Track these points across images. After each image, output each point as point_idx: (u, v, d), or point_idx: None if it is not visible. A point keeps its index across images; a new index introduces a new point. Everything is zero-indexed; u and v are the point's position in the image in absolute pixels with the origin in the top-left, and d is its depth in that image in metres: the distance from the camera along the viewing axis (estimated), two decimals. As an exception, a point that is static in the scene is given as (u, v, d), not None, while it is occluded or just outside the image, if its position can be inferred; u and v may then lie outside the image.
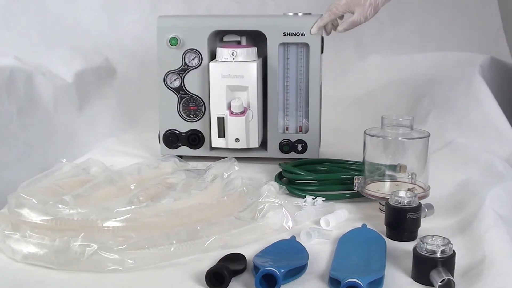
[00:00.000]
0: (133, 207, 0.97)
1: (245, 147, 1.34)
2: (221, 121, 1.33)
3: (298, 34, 1.32)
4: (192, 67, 1.36)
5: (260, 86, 1.35)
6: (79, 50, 1.71)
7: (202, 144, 1.39)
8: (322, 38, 1.36)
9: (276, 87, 1.37)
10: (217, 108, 1.33)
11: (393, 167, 1.11)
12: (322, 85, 1.42)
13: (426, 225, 1.00)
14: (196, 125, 1.39)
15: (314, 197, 1.12)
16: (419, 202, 0.98)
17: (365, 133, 1.12)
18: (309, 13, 1.38)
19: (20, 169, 1.27)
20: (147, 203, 1.00)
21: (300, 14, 1.37)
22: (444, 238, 0.83)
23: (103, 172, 1.18)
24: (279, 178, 1.24)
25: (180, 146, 1.40)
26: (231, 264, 0.84)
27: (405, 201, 0.97)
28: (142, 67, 1.81)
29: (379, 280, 0.81)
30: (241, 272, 0.86)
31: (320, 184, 1.21)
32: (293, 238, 0.96)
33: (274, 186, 1.15)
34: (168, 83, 1.37)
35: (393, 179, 1.12)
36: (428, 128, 1.20)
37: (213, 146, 1.37)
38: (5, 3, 1.64)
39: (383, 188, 1.10)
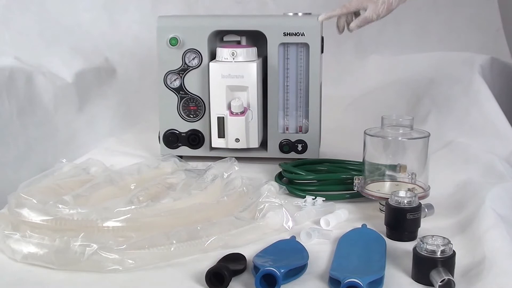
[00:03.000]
0: (133, 207, 0.97)
1: (245, 147, 1.34)
2: (221, 121, 1.33)
3: (298, 34, 1.32)
4: (192, 67, 1.36)
5: (260, 86, 1.35)
6: (79, 50, 1.71)
7: (202, 144, 1.39)
8: (322, 38, 1.36)
9: (276, 87, 1.37)
10: (217, 108, 1.33)
11: (393, 167, 1.11)
12: (322, 85, 1.42)
13: (426, 225, 1.00)
14: (196, 125, 1.39)
15: (314, 197, 1.12)
16: (419, 202, 0.98)
17: (365, 133, 1.12)
18: (309, 13, 1.38)
19: (20, 169, 1.27)
20: (147, 203, 1.00)
21: (300, 14, 1.37)
22: (444, 238, 0.83)
23: (103, 172, 1.19)
24: (279, 178, 1.24)
25: (180, 146, 1.40)
26: (231, 264, 0.84)
27: (405, 201, 0.97)
28: (142, 67, 1.81)
29: (379, 280, 0.81)
30: (241, 272, 0.86)
31: (320, 184, 1.21)
32: (293, 238, 0.96)
33: (274, 186, 1.15)
34: (168, 83, 1.37)
35: (393, 179, 1.12)
36: (428, 128, 1.20)
37: (213, 146, 1.37)
38: (5, 3, 1.64)
39: (383, 188, 1.10)
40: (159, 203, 1.00)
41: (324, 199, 1.12)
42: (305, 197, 1.13)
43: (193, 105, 1.38)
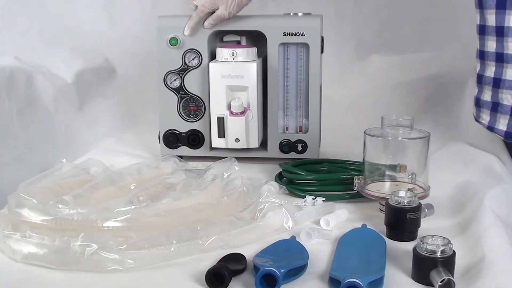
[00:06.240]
0: (133, 207, 0.97)
1: (245, 147, 1.34)
2: (221, 121, 1.33)
3: (298, 34, 1.32)
4: (192, 67, 1.36)
5: (260, 86, 1.35)
6: (79, 50, 1.71)
7: (202, 144, 1.39)
8: (322, 38, 1.36)
9: (276, 87, 1.37)
10: (217, 108, 1.33)
11: (393, 167, 1.11)
12: (322, 85, 1.42)
13: (426, 225, 1.00)
14: (196, 125, 1.39)
15: (314, 197, 1.12)
16: (419, 202, 0.98)
17: (365, 133, 1.12)
18: (309, 13, 1.38)
19: (20, 169, 1.27)
20: (147, 203, 1.00)
21: (300, 14, 1.37)
22: (444, 238, 0.83)
23: (103, 172, 1.19)
24: (279, 178, 1.24)
25: (180, 146, 1.40)
26: (231, 264, 0.84)
27: (405, 201, 0.97)
28: (142, 67, 1.80)
29: (379, 280, 0.81)
30: (241, 272, 0.86)
31: (320, 184, 1.21)
32: (293, 238, 0.96)
33: (274, 186, 1.15)
34: (168, 83, 1.37)
35: (393, 179, 1.12)
36: (428, 128, 1.20)
37: (213, 146, 1.37)
38: (5, 3, 1.64)
39: (383, 188, 1.10)
40: (159, 203, 1.00)
41: (324, 199, 1.12)
42: (305, 197, 1.13)
43: (193, 105, 1.38)
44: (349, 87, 1.87)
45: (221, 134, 1.34)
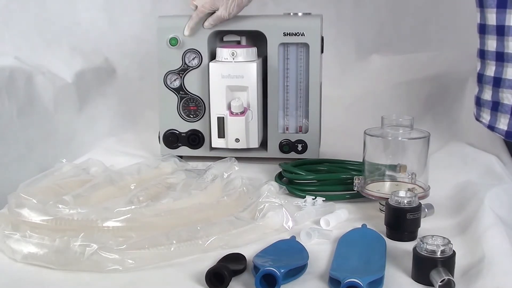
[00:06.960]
0: (133, 207, 0.97)
1: (245, 147, 1.34)
2: (221, 121, 1.33)
3: (298, 34, 1.32)
4: (192, 67, 1.36)
5: (260, 86, 1.35)
6: (79, 50, 1.71)
7: (202, 144, 1.39)
8: (322, 38, 1.36)
9: (276, 87, 1.37)
10: (217, 108, 1.33)
11: (393, 167, 1.11)
12: (322, 85, 1.42)
13: (426, 225, 1.00)
14: (196, 125, 1.39)
15: (314, 197, 1.12)
16: (419, 202, 0.98)
17: (365, 133, 1.12)
18: (309, 13, 1.38)
19: (20, 169, 1.27)
20: (147, 203, 1.00)
21: (300, 14, 1.37)
22: (444, 238, 0.83)
23: (103, 172, 1.19)
24: (279, 178, 1.24)
25: (180, 146, 1.40)
26: (231, 264, 0.84)
27: (405, 201, 0.97)
28: (142, 67, 1.81)
29: (379, 280, 0.81)
30: (241, 272, 0.86)
31: (320, 184, 1.21)
32: (293, 238, 0.96)
33: (274, 186, 1.15)
34: (168, 83, 1.37)
35: (393, 179, 1.12)
36: (428, 128, 1.20)
37: (213, 146, 1.37)
38: (5, 3, 1.64)
39: (383, 188, 1.10)
40: (159, 203, 1.00)
41: (324, 199, 1.12)
42: (305, 197, 1.13)
43: (193, 105, 1.38)
44: (349, 87, 1.87)
45: (221, 134, 1.34)
